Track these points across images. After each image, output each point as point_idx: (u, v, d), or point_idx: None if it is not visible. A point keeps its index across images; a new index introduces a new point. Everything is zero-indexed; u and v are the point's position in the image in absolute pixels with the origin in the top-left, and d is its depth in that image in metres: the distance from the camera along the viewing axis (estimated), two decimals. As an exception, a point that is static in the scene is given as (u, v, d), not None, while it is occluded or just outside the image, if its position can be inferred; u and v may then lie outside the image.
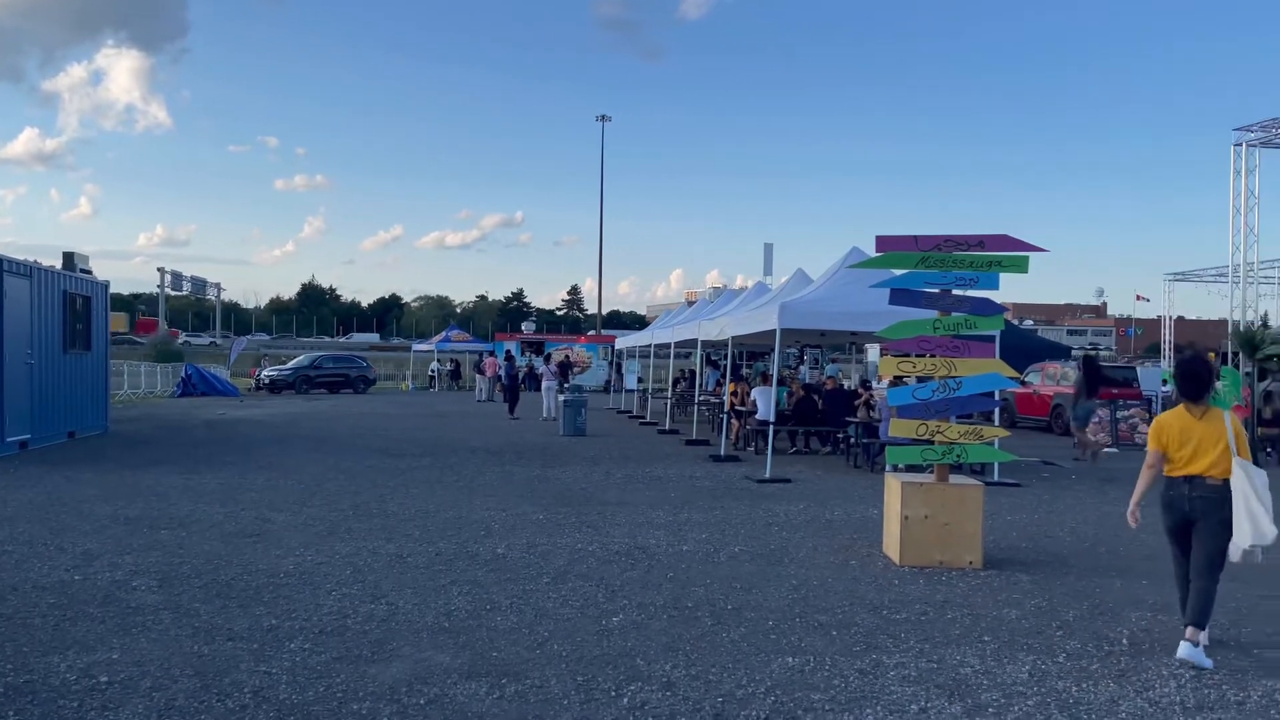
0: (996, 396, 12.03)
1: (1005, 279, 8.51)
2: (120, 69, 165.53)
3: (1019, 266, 8.46)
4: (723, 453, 15.76)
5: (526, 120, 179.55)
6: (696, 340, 20.15)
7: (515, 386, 26.02)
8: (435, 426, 21.76)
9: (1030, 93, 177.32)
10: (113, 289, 21.13)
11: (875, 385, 18.11)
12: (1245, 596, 6.55)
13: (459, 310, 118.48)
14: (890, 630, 5.97)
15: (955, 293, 8.53)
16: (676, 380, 27.32)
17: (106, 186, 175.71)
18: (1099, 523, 10.11)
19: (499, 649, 5.46)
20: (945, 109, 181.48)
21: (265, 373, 39.08)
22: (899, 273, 8.98)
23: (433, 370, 46.32)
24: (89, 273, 19.46)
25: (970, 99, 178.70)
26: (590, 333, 60.09)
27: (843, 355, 33.23)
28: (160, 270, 78.31)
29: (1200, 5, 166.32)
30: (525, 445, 17.52)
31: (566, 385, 25.35)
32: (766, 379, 16.98)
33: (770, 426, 14.41)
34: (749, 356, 27.92)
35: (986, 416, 14.44)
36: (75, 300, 17.68)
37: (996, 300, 8.63)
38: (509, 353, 31.72)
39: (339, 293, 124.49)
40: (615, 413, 27.34)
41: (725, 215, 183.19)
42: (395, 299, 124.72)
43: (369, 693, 4.73)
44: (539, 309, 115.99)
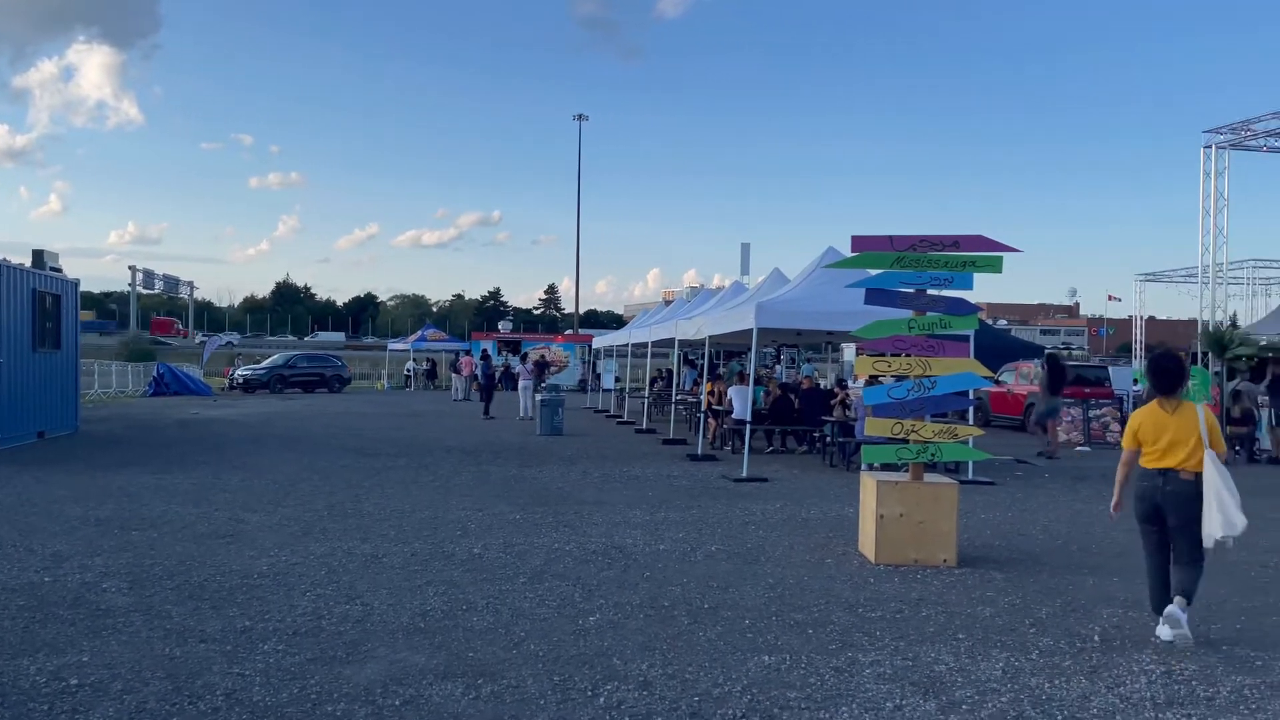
0: (970, 396, 12.12)
1: (979, 279, 8.59)
2: (91, 65, 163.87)
3: (993, 267, 8.54)
4: (700, 452, 15.79)
5: (504, 119, 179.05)
6: (674, 340, 20.17)
7: (491, 386, 25.94)
8: (411, 426, 21.66)
9: (1004, 95, 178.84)
10: (83, 287, 20.91)
11: (851, 384, 18.21)
12: (1214, 594, 6.63)
13: (435, 309, 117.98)
14: (865, 628, 6.01)
15: (930, 293, 8.60)
16: (654, 380, 27.33)
17: (77, 184, 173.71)
18: (1071, 521, 10.21)
19: (475, 649, 5.44)
20: (921, 110, 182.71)
21: (239, 372, 38.75)
22: (874, 273, 9.04)
23: (408, 370, 46.10)
24: (59, 271, 19.19)
25: (946, 101, 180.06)
26: (568, 332, 59.95)
27: (818, 355, 33.36)
28: (131, 268, 77.42)
29: (1171, 8, 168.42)
30: (502, 445, 17.47)
31: (543, 385, 25.29)
32: (743, 378, 17.03)
33: (747, 426, 14.46)
34: (726, 356, 27.98)
35: (961, 415, 14.56)
36: (45, 299, 17.47)
37: (971, 300, 8.70)
38: (485, 352, 31.54)
39: (314, 291, 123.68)
40: (592, 412, 27.33)
41: (703, 215, 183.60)
42: (371, 298, 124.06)
43: (344, 694, 4.70)
44: (516, 308, 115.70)
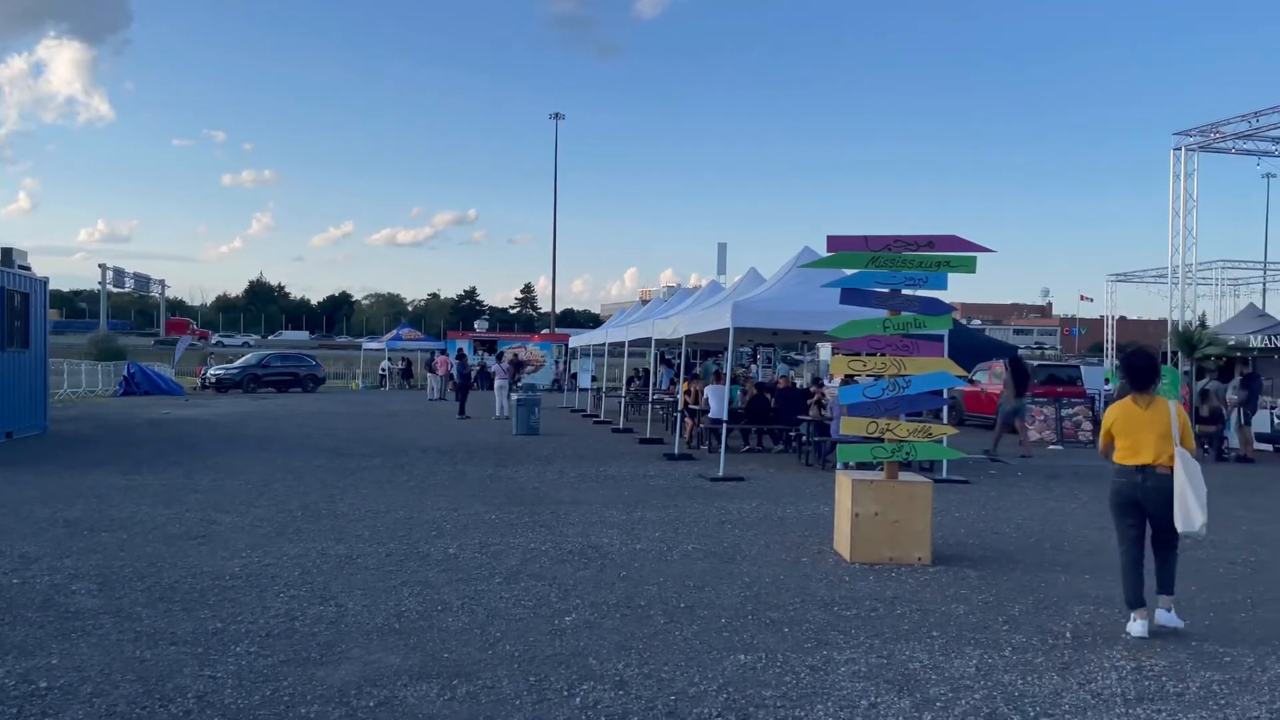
0: (945, 395, 12.20)
1: (953, 279, 8.67)
2: (61, 61, 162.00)
3: (967, 267, 8.61)
4: (676, 451, 15.80)
5: (479, 117, 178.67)
6: (650, 339, 20.18)
7: (466, 385, 25.84)
8: (386, 425, 21.54)
9: (979, 98, 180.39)
10: (53, 286, 20.60)
11: (827, 384, 18.28)
12: (1183, 591, 6.70)
13: (410, 308, 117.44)
14: (841, 626, 6.03)
15: (905, 292, 8.65)
16: (630, 379, 27.32)
17: (46, 181, 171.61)
18: (1044, 519, 10.31)
19: (450, 650, 5.42)
20: (896, 112, 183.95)
21: (211, 371, 38.39)
22: (850, 272, 9.08)
23: (383, 369, 45.83)
24: (28, 269, 18.94)
25: (921, 103, 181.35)
26: (544, 331, 59.82)
27: (794, 354, 33.48)
28: (102, 267, 76.67)
29: (1142, 13, 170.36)
30: (478, 444, 17.41)
31: (518, 384, 25.20)
32: (720, 377, 17.06)
33: (723, 425, 14.48)
34: (702, 355, 28.01)
35: (935, 414, 14.64)
36: (13, 297, 17.22)
37: (945, 300, 8.77)
38: (460, 351, 31.44)
39: (288, 290, 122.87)
40: (569, 411, 27.28)
41: (679, 214, 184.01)
42: (345, 296, 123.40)
43: (317, 695, 4.66)
44: (492, 307, 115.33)
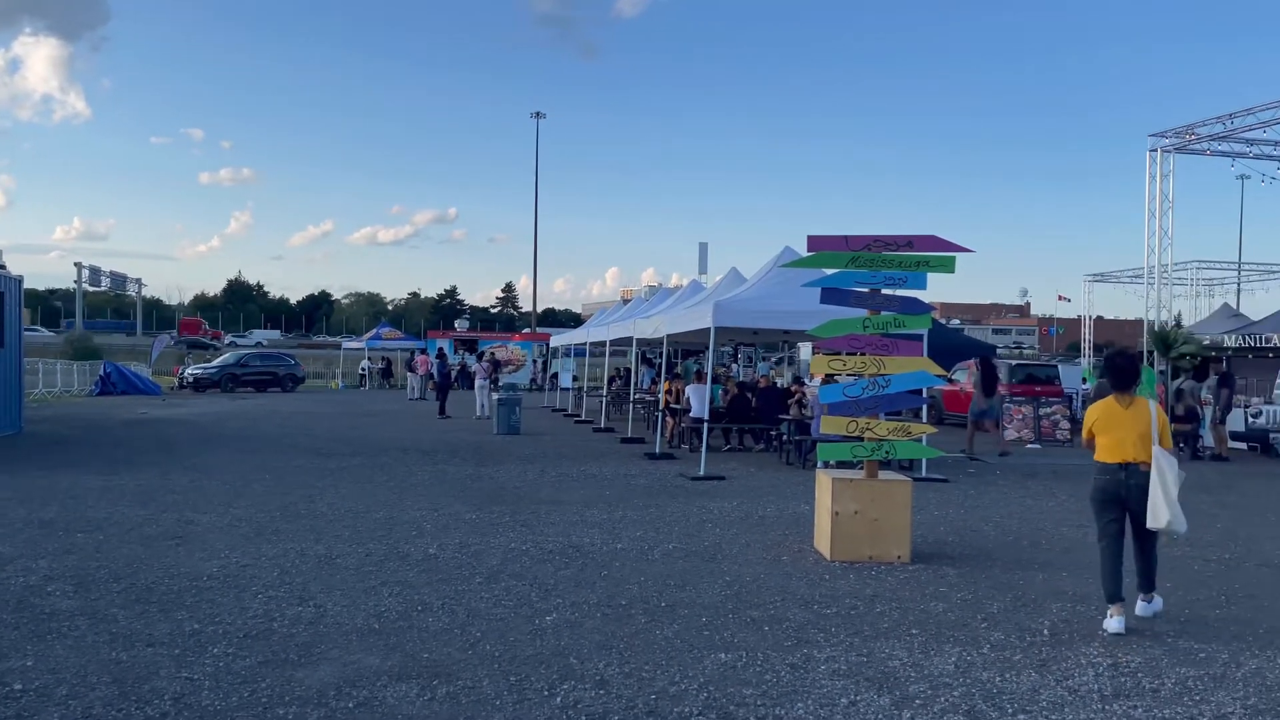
0: (924, 394, 12.26)
1: (933, 279, 8.71)
2: (38, 57, 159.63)
3: (946, 266, 8.65)
4: (657, 450, 15.81)
5: (460, 115, 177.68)
6: (632, 338, 20.17)
7: (447, 384, 25.75)
8: (366, 425, 21.43)
9: (959, 99, 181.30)
10: (28, 284, 20.37)
11: (808, 383, 18.34)
12: (1159, 588, 6.75)
13: (391, 307, 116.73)
14: (821, 625, 6.05)
15: (884, 292, 8.70)
16: (612, 378, 27.31)
17: (21, 178, 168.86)
18: (1022, 517, 10.38)
19: (430, 650, 5.40)
20: (876, 112, 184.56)
21: (189, 371, 38.02)
22: (830, 272, 9.12)
23: (363, 368, 45.55)
24: (2, 268, 18.75)
25: (901, 103, 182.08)
26: (525, 330, 59.71)
27: (774, 354, 33.59)
28: (78, 265, 75.51)
29: (1119, 15, 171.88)
30: (458, 444, 17.35)
31: (496, 383, 25.13)
32: (701, 377, 17.08)
33: (704, 424, 14.50)
34: (684, 354, 28.04)
35: (915, 413, 14.72)
36: (-13, 295, 17.04)
37: (924, 300, 8.81)
38: (441, 350, 31.31)
39: (266, 289, 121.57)
40: (550, 411, 27.23)
41: (661, 213, 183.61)
42: (325, 295, 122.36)
43: (296, 697, 4.64)
44: (473, 307, 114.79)
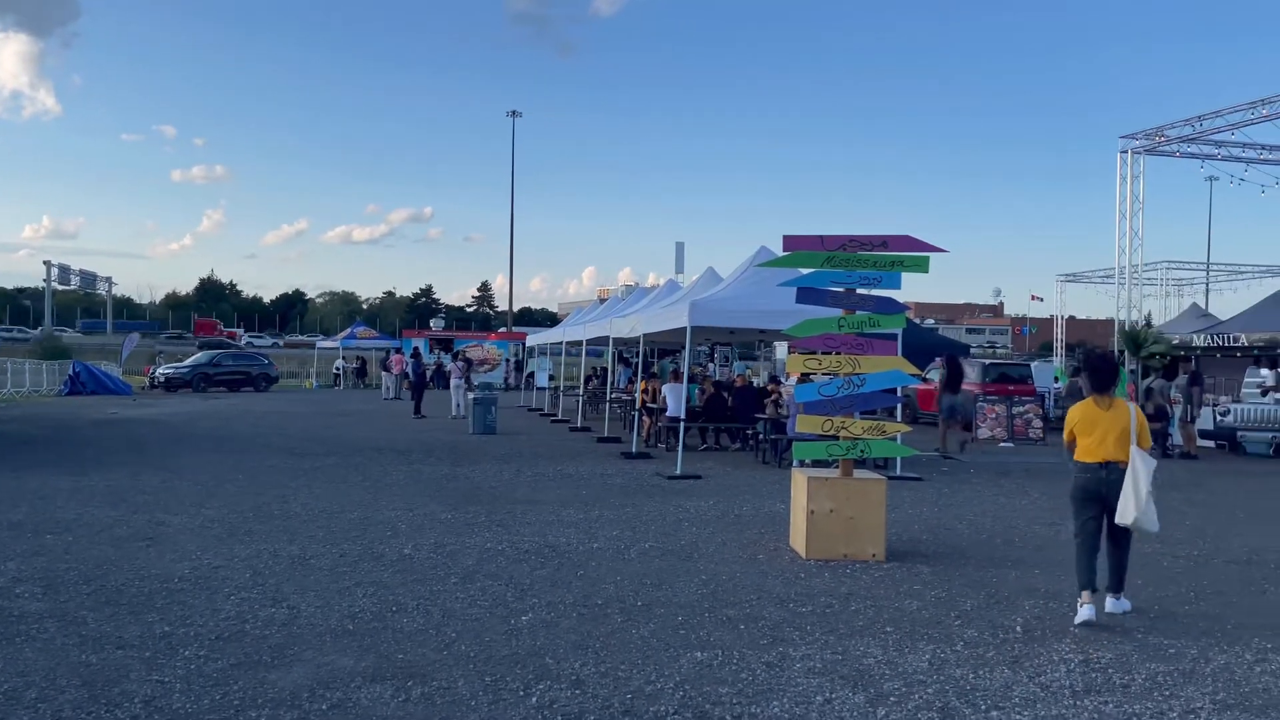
0: (899, 393, 12.33)
1: (907, 279, 8.76)
2: (7, 53, 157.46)
3: (920, 266, 8.71)
4: (634, 450, 15.80)
5: (436, 114, 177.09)
6: (608, 338, 20.15)
7: (422, 384, 25.61)
8: (340, 425, 21.28)
9: (933, 100, 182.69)
10: (-6, 282, 20.07)
11: (784, 382, 18.40)
12: (1129, 585, 6.83)
13: (366, 307, 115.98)
14: (796, 623, 6.07)
15: (859, 292, 8.74)
16: (588, 378, 27.27)
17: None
18: (995, 515, 10.47)
19: (405, 651, 5.37)
20: (852, 112, 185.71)
21: (160, 370, 37.61)
22: (806, 272, 9.15)
23: (338, 368, 45.23)
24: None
25: (876, 103, 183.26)
26: (501, 330, 59.52)
27: (751, 353, 33.67)
28: (47, 263, 74.66)
29: (1092, 18, 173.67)
30: (433, 444, 17.27)
31: (473, 384, 25.01)
32: (677, 376, 17.10)
33: (681, 423, 14.52)
34: (660, 353, 28.05)
35: (889, 412, 14.79)
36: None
37: (899, 299, 8.86)
38: (416, 350, 31.13)
39: (240, 288, 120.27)
40: (526, 410, 27.16)
41: (637, 213, 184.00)
42: (299, 295, 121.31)
43: (268, 699, 4.60)
44: (449, 306, 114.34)
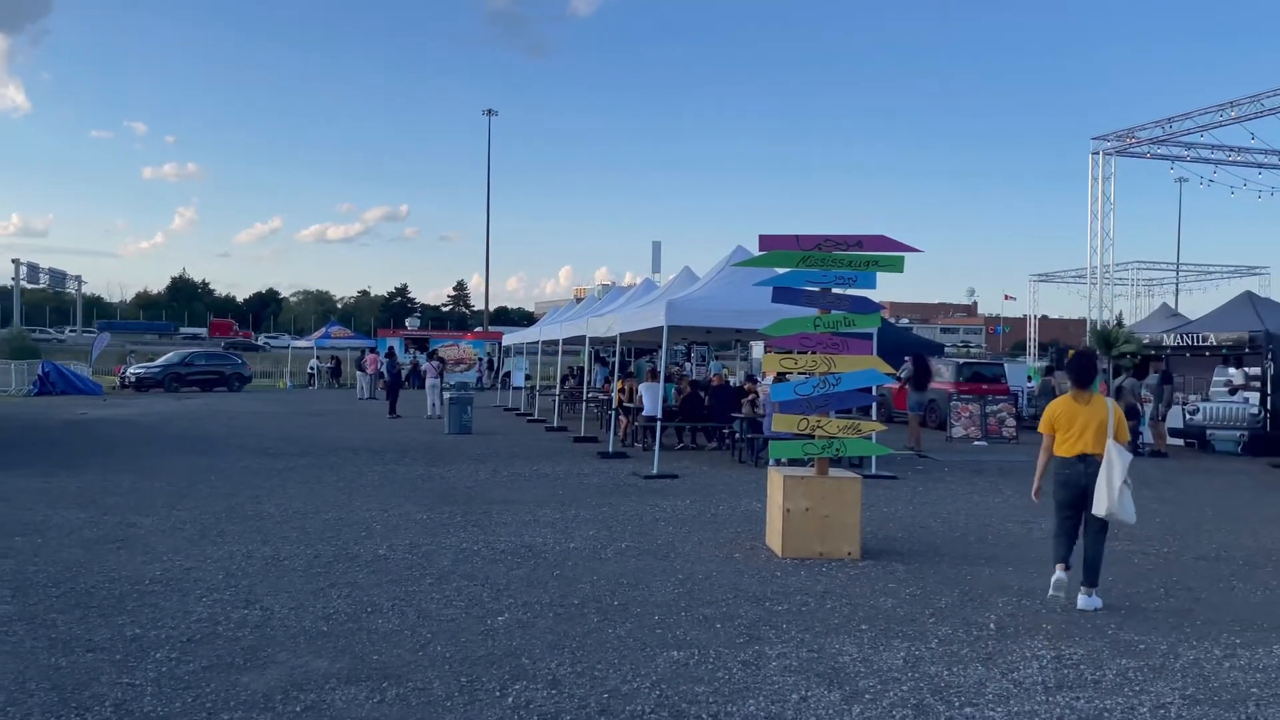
0: (874, 392, 12.39)
1: (882, 278, 8.82)
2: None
3: (895, 266, 8.76)
4: (610, 449, 15.79)
5: (411, 112, 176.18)
6: (585, 337, 20.13)
7: (397, 384, 25.47)
8: (314, 425, 21.13)
9: (908, 100, 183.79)
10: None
11: (761, 381, 18.45)
12: (1100, 581, 6.91)
13: (340, 306, 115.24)
14: (772, 621, 6.09)
15: (835, 291, 8.78)
16: (565, 377, 27.22)
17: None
18: (969, 513, 10.55)
19: (380, 652, 5.34)
20: (826, 112, 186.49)
21: (131, 370, 37.17)
22: (781, 271, 9.18)
23: (312, 368, 44.87)
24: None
25: (851, 103, 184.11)
26: (477, 329, 59.30)
27: (727, 352, 33.74)
28: (15, 262, 73.73)
29: (1066, 19, 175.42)
30: (409, 444, 17.18)
31: (450, 384, 24.91)
32: (654, 375, 17.10)
33: (658, 423, 14.52)
34: (637, 353, 28.04)
35: (864, 411, 14.88)
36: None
37: (874, 299, 8.91)
38: (391, 349, 30.96)
39: (212, 287, 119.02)
40: (502, 410, 27.09)
41: (614, 212, 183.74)
42: (273, 294, 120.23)
43: (241, 701, 4.56)
44: (424, 305, 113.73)
